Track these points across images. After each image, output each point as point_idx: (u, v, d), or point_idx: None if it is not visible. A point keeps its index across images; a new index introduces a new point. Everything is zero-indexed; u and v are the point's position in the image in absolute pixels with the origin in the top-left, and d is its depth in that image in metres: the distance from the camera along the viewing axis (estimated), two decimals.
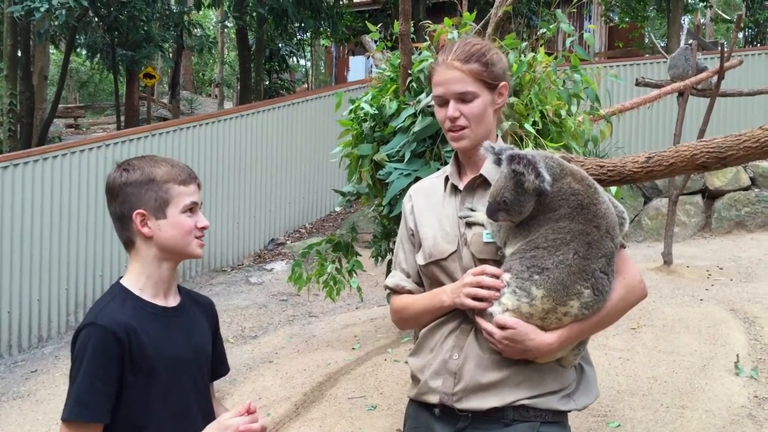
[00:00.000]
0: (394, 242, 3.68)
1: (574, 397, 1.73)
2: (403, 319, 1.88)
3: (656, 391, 4.24)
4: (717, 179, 8.62)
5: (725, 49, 6.78)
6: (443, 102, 1.80)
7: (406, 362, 1.81)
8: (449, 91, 1.77)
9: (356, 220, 8.66)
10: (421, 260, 1.82)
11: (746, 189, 8.61)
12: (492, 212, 1.64)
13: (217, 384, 5.14)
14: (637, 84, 7.57)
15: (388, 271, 3.63)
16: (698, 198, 8.70)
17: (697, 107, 8.59)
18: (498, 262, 1.70)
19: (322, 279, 4.40)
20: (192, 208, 1.69)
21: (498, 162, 1.67)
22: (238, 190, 8.80)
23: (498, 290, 1.64)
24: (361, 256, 4.64)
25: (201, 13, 18.42)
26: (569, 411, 1.73)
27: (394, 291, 1.90)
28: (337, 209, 9.92)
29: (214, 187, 8.47)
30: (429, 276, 1.82)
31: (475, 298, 1.66)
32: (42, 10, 9.75)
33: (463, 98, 1.77)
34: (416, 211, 1.88)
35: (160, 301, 1.69)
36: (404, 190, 2.92)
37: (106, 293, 1.69)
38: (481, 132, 1.79)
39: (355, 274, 4.51)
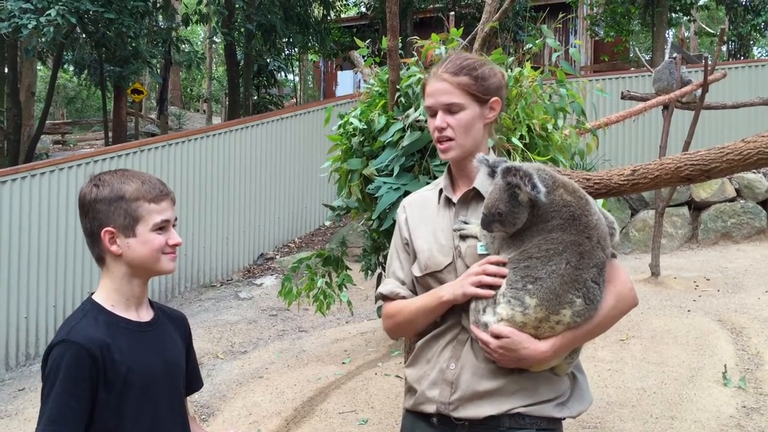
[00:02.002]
0: (384, 256, 3.70)
1: (569, 405, 1.76)
2: (397, 324, 1.87)
3: (645, 402, 4.26)
4: (703, 191, 8.70)
5: (709, 63, 6.87)
6: (433, 113, 1.84)
7: (398, 376, 1.81)
8: (437, 102, 1.82)
9: (346, 234, 8.66)
10: (417, 272, 1.85)
11: (732, 200, 8.69)
12: (487, 223, 1.67)
13: (207, 400, 5.14)
14: (623, 97, 7.65)
15: (377, 285, 3.63)
16: (685, 210, 8.77)
17: (682, 120, 8.69)
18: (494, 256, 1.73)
19: (312, 293, 4.40)
20: (163, 226, 1.67)
21: (492, 174, 1.70)
22: (227, 205, 8.80)
23: (503, 277, 1.66)
24: (351, 270, 4.65)
25: (189, 28, 18.44)
26: (564, 418, 1.75)
27: (388, 298, 1.90)
28: (327, 223, 9.92)
29: (202, 202, 8.46)
30: (426, 287, 1.84)
31: (480, 286, 1.67)
32: (29, 27, 9.75)
33: (450, 109, 1.81)
34: (410, 223, 1.90)
35: (132, 316, 1.68)
36: (394, 204, 2.94)
37: (77, 309, 1.66)
38: (468, 144, 1.82)
39: (345, 288, 4.51)
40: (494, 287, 1.66)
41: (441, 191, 1.89)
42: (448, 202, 1.87)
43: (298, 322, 7.06)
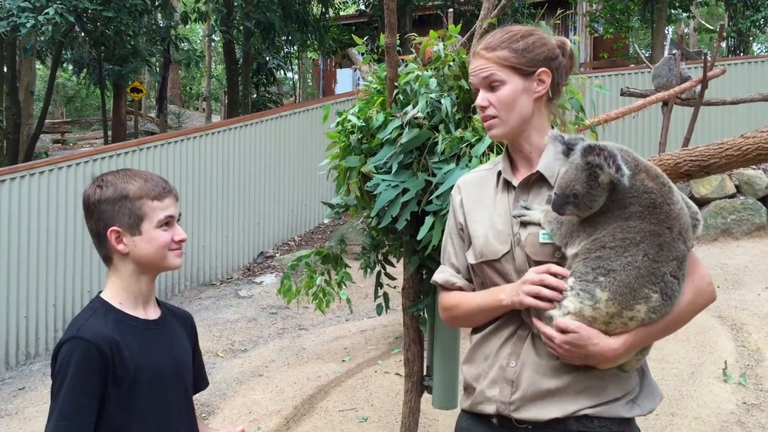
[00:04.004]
0: (383, 254, 3.69)
1: (639, 402, 1.63)
2: (455, 318, 1.78)
3: None
4: (703, 187, 8.69)
5: (708, 59, 6.86)
6: (477, 91, 1.75)
7: (398, 374, 1.80)
8: (477, 79, 1.73)
9: (345, 231, 8.66)
10: (472, 259, 1.74)
11: (732, 197, 8.68)
12: (559, 205, 1.53)
13: (207, 398, 5.14)
14: (622, 94, 7.65)
15: (377, 283, 3.63)
16: None
17: (682, 116, 8.68)
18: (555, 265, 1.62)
19: (311, 291, 4.39)
20: (168, 222, 1.68)
21: (567, 152, 1.56)
22: (227, 204, 8.79)
23: (561, 292, 1.55)
24: (350, 267, 4.63)
25: (188, 27, 18.44)
26: (634, 417, 1.64)
27: (444, 288, 1.81)
28: (326, 221, 9.91)
29: (202, 200, 8.45)
30: (481, 276, 1.74)
31: (537, 297, 1.56)
32: (28, 25, 9.73)
33: (491, 86, 1.70)
34: (466, 206, 1.79)
35: (140, 314, 1.69)
36: (392, 202, 2.92)
37: (86, 307, 1.68)
38: (513, 120, 1.70)
39: (344, 286, 4.50)
40: (552, 299, 1.55)
41: (499, 173, 1.76)
42: (507, 185, 1.74)
43: (298, 320, 7.06)
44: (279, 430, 4.43)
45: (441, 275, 1.82)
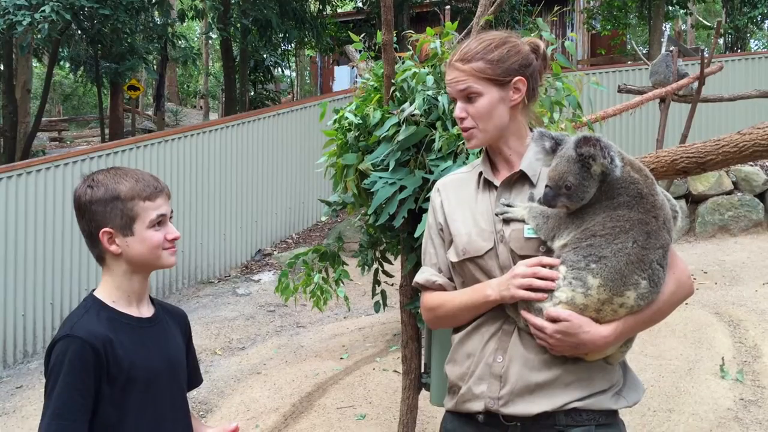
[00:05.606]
0: (380, 251, 3.69)
1: (624, 394, 1.68)
2: (438, 318, 1.78)
3: (643, 395, 4.27)
4: (700, 184, 8.69)
5: (705, 55, 6.86)
6: (454, 101, 1.78)
7: (396, 371, 1.80)
8: (454, 90, 1.75)
9: (343, 229, 8.66)
10: (453, 257, 1.74)
11: (729, 193, 8.69)
12: (551, 197, 1.57)
13: (205, 396, 5.14)
14: (620, 91, 7.65)
15: (375, 280, 3.63)
16: (682, 203, 8.76)
17: (679, 113, 8.68)
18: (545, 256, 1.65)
19: (309, 289, 4.39)
20: (160, 221, 1.67)
21: (554, 147, 1.61)
22: (225, 202, 8.78)
23: (554, 281, 1.57)
24: (347, 265, 4.63)
25: (185, 24, 18.41)
26: (620, 409, 1.68)
27: (425, 287, 1.81)
28: (324, 219, 9.91)
29: (200, 198, 8.44)
30: (463, 274, 1.74)
31: (530, 289, 1.57)
32: (24, 23, 9.70)
33: (468, 97, 1.73)
34: (446, 207, 1.81)
35: (134, 312, 1.69)
36: (389, 199, 2.92)
37: (79, 306, 1.68)
38: (491, 129, 1.73)
39: (342, 284, 4.50)
40: (546, 289, 1.56)
41: (480, 174, 1.79)
42: (489, 185, 1.77)
43: (296, 318, 7.06)
44: (277, 428, 4.43)
45: (422, 275, 1.83)
